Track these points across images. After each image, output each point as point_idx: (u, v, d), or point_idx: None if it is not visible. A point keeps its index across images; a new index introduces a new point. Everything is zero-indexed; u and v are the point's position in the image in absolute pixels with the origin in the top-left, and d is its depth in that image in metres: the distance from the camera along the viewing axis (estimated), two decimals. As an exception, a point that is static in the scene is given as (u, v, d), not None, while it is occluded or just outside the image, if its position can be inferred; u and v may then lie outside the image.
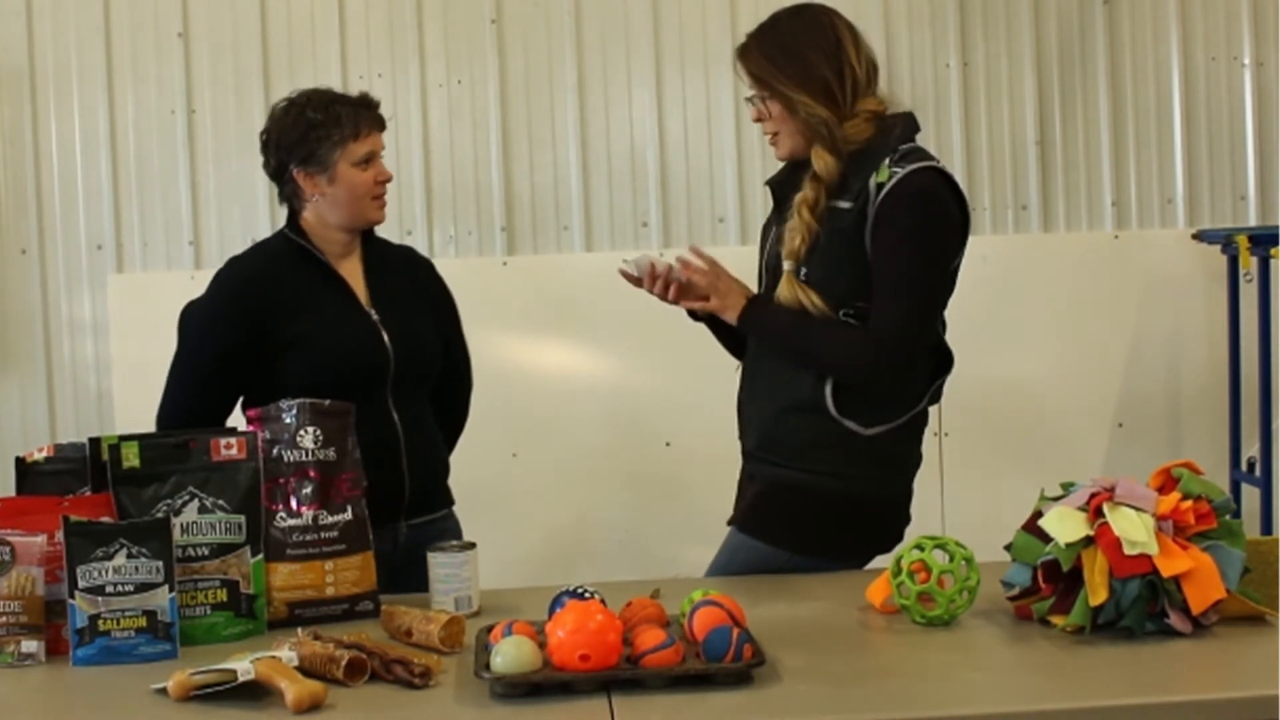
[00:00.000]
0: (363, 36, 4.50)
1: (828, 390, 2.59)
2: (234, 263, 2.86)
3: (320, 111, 2.73)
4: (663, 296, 2.68)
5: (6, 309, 4.51)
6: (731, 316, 2.64)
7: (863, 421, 2.59)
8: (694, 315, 2.77)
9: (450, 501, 2.95)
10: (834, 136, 2.57)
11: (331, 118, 2.73)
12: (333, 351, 2.73)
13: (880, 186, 2.53)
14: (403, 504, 2.78)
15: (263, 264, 2.82)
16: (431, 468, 2.88)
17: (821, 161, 2.58)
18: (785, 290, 2.59)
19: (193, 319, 2.82)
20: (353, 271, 2.82)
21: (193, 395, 2.77)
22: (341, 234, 2.80)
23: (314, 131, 2.72)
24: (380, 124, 2.79)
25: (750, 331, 2.67)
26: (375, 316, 2.78)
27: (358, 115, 2.75)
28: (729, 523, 2.73)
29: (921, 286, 2.57)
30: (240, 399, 2.77)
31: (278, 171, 2.80)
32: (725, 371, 2.82)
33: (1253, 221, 4.60)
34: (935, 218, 2.57)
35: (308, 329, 2.73)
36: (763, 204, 4.48)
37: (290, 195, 2.81)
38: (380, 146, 2.78)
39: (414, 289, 2.90)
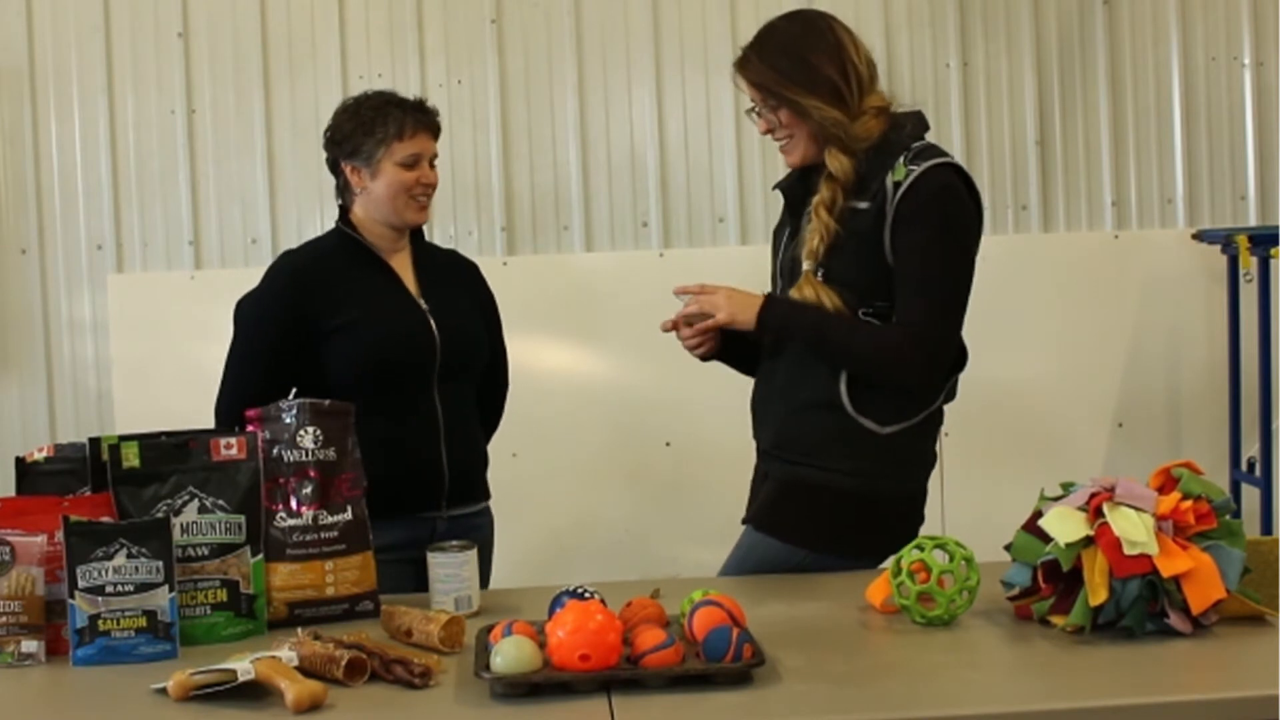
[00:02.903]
0: (363, 36, 4.50)
1: (843, 388, 2.59)
2: (286, 255, 2.94)
3: (373, 110, 2.84)
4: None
5: (6, 309, 4.51)
6: (748, 319, 2.62)
7: (879, 419, 2.59)
8: (703, 357, 2.78)
9: (487, 495, 3.00)
10: (847, 137, 2.58)
11: (381, 116, 2.82)
12: (382, 338, 2.80)
13: (897, 185, 2.54)
14: (443, 493, 2.84)
15: (314, 255, 2.89)
16: (471, 459, 2.94)
17: (836, 162, 2.59)
18: (806, 290, 2.59)
19: (245, 312, 2.88)
20: (403, 265, 2.90)
21: (251, 386, 2.78)
22: (388, 230, 2.87)
23: (363, 127, 2.82)
24: (433, 129, 2.87)
25: (772, 332, 2.64)
26: (425, 306, 2.85)
27: (406, 117, 2.83)
28: (744, 521, 2.72)
29: (951, 283, 2.59)
30: (294, 389, 2.82)
31: (333, 166, 2.89)
32: (725, 372, 2.82)
33: (1253, 221, 4.60)
34: (957, 214, 2.59)
35: (357, 316, 2.80)
36: (763, 205, 4.48)
37: (342, 189, 2.89)
38: (429, 151, 2.86)
39: (461, 288, 2.98)
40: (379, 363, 2.77)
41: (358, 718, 1.91)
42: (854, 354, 2.59)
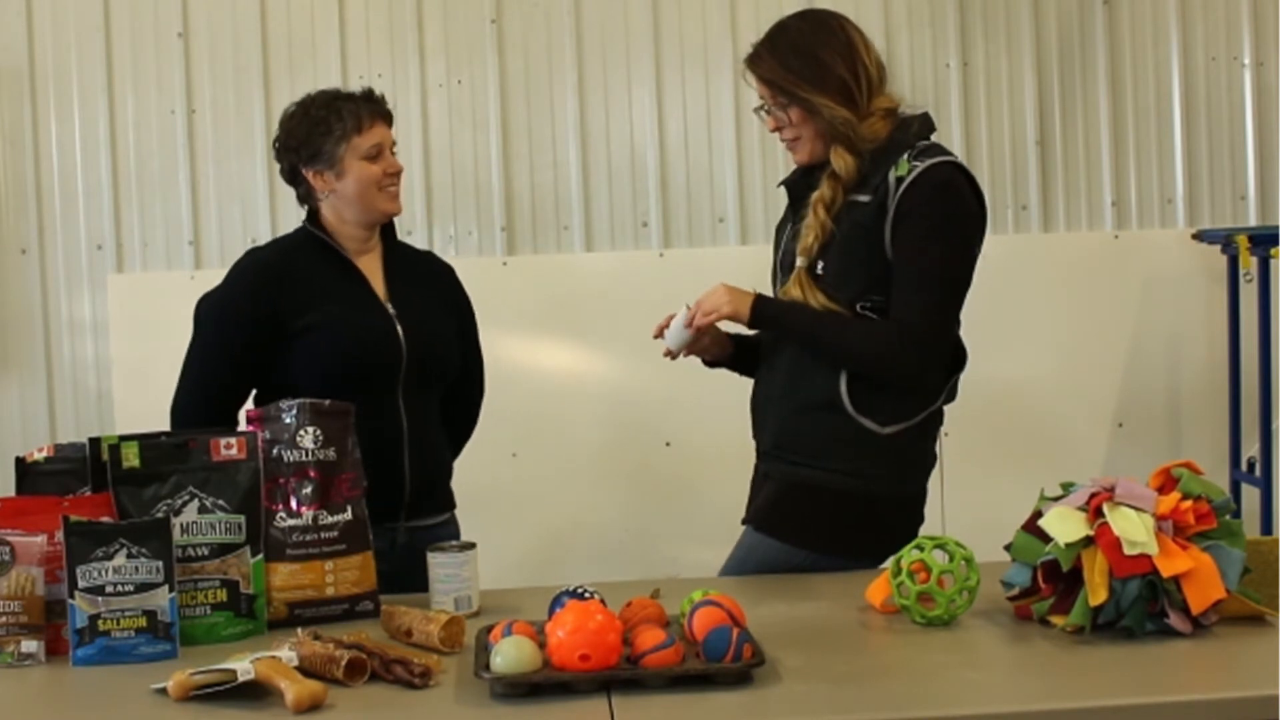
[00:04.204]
0: (363, 36, 4.51)
1: (843, 388, 2.59)
2: (252, 253, 2.88)
3: (323, 109, 2.77)
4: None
5: (6, 309, 4.51)
6: (744, 312, 2.61)
7: (879, 420, 2.59)
8: (709, 363, 2.79)
9: (451, 505, 2.94)
10: (855, 136, 2.58)
11: (334, 113, 2.75)
12: (346, 342, 2.74)
13: (900, 180, 2.54)
14: (402, 503, 2.78)
15: (280, 255, 2.84)
16: (433, 469, 2.87)
17: (841, 161, 2.59)
18: (794, 287, 2.60)
19: (208, 310, 2.83)
20: (372, 268, 2.84)
21: (212, 387, 2.77)
22: (360, 230, 2.82)
23: (318, 129, 2.75)
24: (386, 117, 2.81)
25: (767, 327, 2.65)
26: (392, 311, 2.80)
27: (360, 109, 2.76)
28: (744, 521, 2.72)
29: (946, 279, 2.58)
30: (254, 391, 2.79)
31: (291, 174, 2.82)
32: (725, 372, 2.82)
33: (1253, 221, 4.60)
34: (957, 211, 2.59)
35: (323, 318, 2.74)
36: (763, 205, 4.48)
37: (306, 195, 2.83)
38: (388, 139, 2.80)
39: (434, 292, 2.91)
40: (343, 367, 2.70)
41: (358, 718, 1.91)
42: (848, 349, 2.59)
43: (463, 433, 3.03)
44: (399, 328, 2.78)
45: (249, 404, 2.77)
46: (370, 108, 2.78)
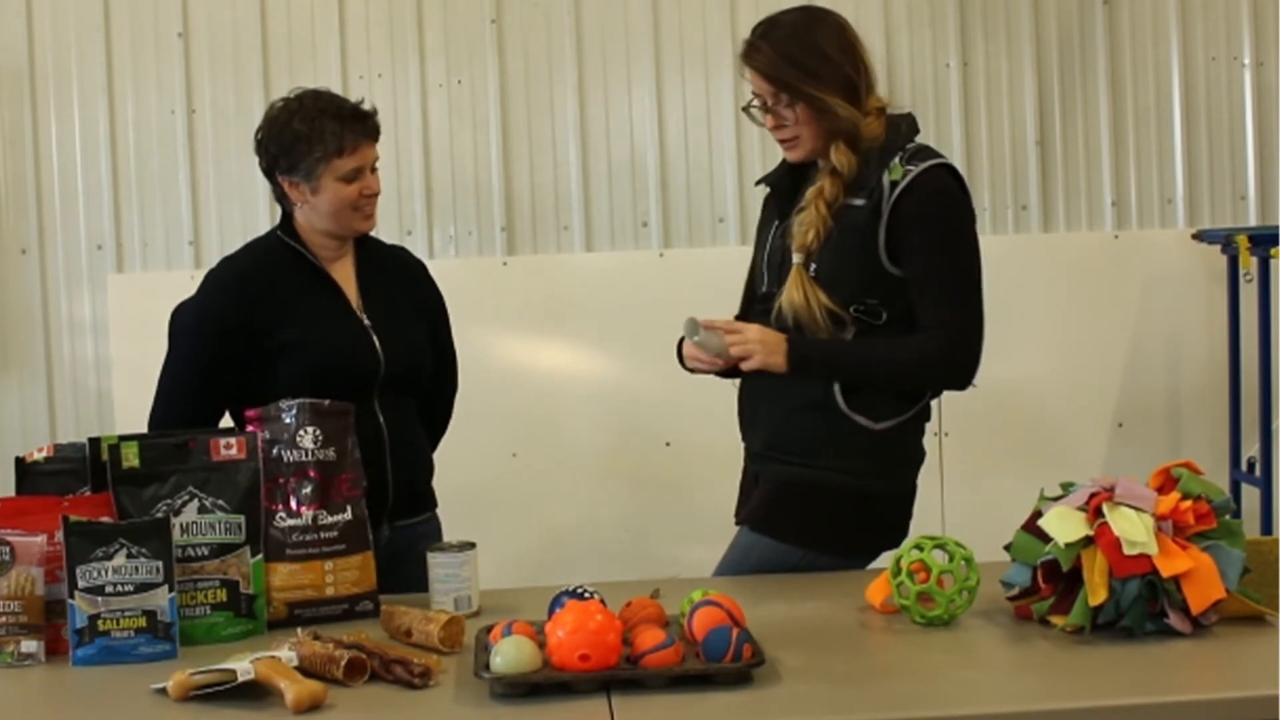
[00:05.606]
0: (363, 36, 4.51)
1: (836, 386, 2.59)
2: (226, 263, 2.84)
3: (306, 124, 2.67)
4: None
5: (6, 309, 4.51)
6: (779, 362, 2.57)
7: (872, 416, 2.60)
8: (719, 373, 2.76)
9: (434, 504, 2.93)
10: (858, 134, 2.57)
11: (316, 132, 2.67)
12: (324, 355, 2.71)
13: (894, 184, 2.54)
14: (386, 507, 2.74)
15: (254, 265, 2.79)
16: (416, 471, 2.85)
17: (844, 158, 2.58)
18: (793, 286, 2.58)
19: (183, 321, 2.80)
20: (345, 274, 2.80)
21: (185, 399, 2.76)
22: (331, 240, 2.78)
23: (299, 145, 2.68)
24: (373, 134, 2.72)
25: (805, 372, 2.59)
26: (367, 321, 2.77)
27: (344, 130, 2.68)
28: (738, 522, 2.72)
29: (972, 282, 2.60)
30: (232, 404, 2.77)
31: (268, 173, 2.78)
32: (725, 371, 2.82)
33: (1253, 221, 4.61)
34: (962, 215, 2.61)
35: (299, 332, 2.71)
36: (762, 204, 4.47)
37: (280, 197, 2.79)
38: (371, 158, 2.72)
39: (406, 293, 2.88)
40: (320, 382, 2.60)
41: (358, 718, 1.91)
42: (898, 371, 2.59)
43: (438, 428, 3.02)
44: (375, 339, 2.75)
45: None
46: (356, 128, 2.69)
